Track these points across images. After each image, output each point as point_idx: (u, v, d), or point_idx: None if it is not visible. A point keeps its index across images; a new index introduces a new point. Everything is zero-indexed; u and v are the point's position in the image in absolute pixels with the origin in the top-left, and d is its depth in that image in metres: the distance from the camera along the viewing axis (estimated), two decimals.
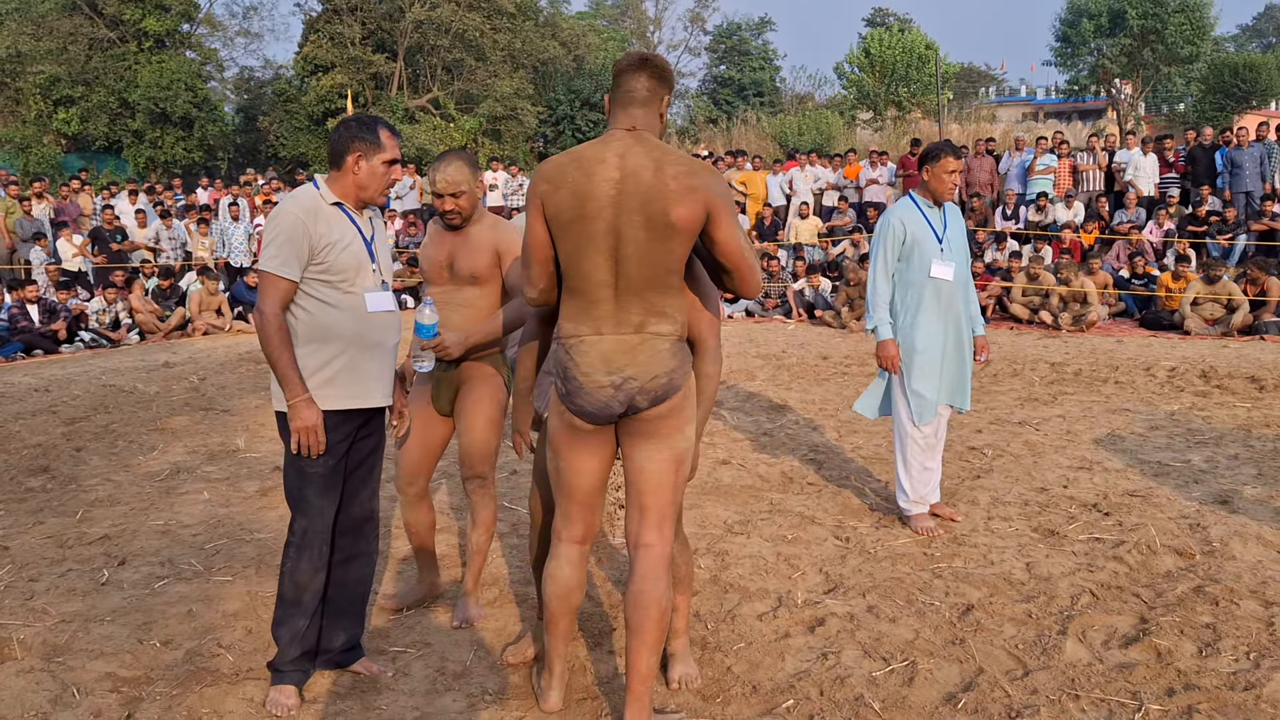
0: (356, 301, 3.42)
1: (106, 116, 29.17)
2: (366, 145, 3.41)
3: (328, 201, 3.41)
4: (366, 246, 3.45)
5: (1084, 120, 40.46)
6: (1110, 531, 5.03)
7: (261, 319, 3.30)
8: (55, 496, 5.96)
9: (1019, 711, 3.31)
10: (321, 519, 3.44)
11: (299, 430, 3.30)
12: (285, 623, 3.47)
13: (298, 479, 3.42)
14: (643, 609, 3.06)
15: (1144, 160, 15.83)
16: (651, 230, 2.93)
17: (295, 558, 3.44)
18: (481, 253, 3.92)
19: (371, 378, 3.47)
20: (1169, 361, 9.88)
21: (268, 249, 3.33)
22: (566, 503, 3.20)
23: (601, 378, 3.00)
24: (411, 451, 4.07)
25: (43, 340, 12.02)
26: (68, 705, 3.44)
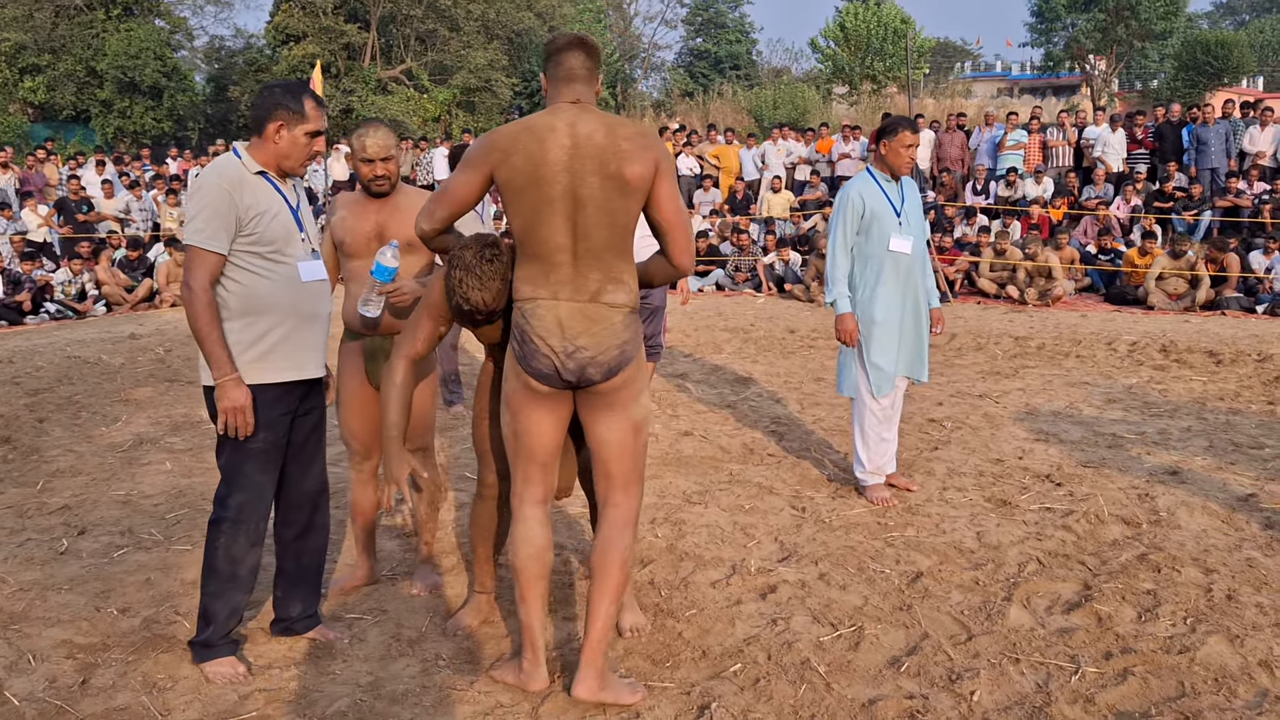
0: (290, 271, 3.37)
1: (74, 85, 28.79)
2: (290, 115, 3.33)
3: (251, 171, 3.34)
4: (293, 215, 3.41)
5: (1058, 96, 40.59)
6: (1061, 501, 5.12)
7: (190, 295, 3.22)
8: (16, 467, 5.96)
9: (959, 674, 3.39)
10: (261, 495, 3.41)
11: (227, 410, 3.25)
12: (221, 597, 3.42)
13: (236, 454, 3.35)
14: (608, 557, 3.20)
15: (1112, 136, 15.94)
16: (607, 190, 3.02)
17: (231, 533, 3.38)
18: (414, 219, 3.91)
19: (309, 348, 3.45)
20: (1131, 336, 10.00)
21: (193, 222, 3.24)
22: (526, 465, 3.24)
23: (555, 342, 3.06)
24: (360, 431, 4.07)
25: (7, 311, 11.93)
26: (23, 671, 3.46)
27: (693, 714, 3.17)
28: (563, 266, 3.06)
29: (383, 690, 3.33)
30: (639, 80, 44.99)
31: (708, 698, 3.25)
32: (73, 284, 13.01)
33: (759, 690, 3.31)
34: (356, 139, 3.85)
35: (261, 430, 3.34)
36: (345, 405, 4.05)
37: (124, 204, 15.96)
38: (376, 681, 3.40)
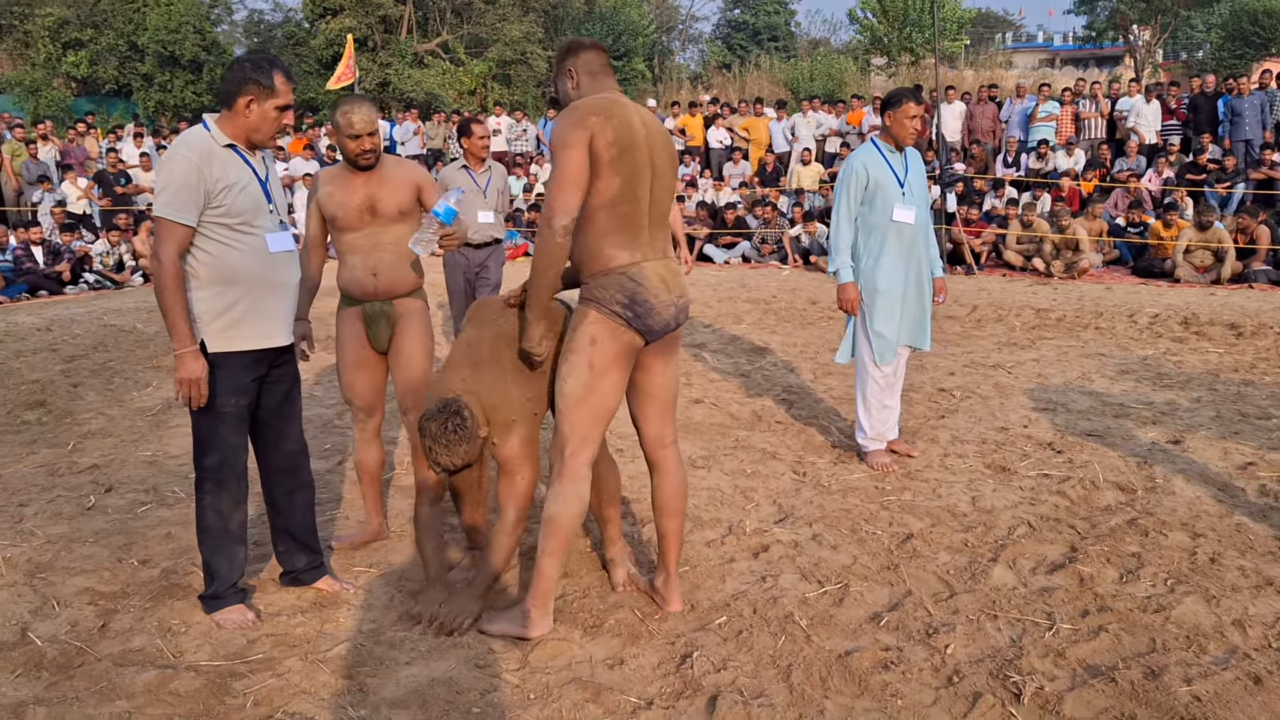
0: (258, 242, 3.47)
1: (116, 60, 29.20)
2: (259, 89, 3.40)
3: (220, 144, 3.42)
4: (262, 187, 3.50)
5: (1101, 67, 39.99)
6: (1059, 468, 5.20)
7: (158, 266, 3.32)
8: (50, 429, 6.20)
9: (936, 629, 3.51)
10: (236, 455, 3.54)
11: (183, 381, 3.37)
12: (220, 551, 3.59)
13: (209, 418, 3.48)
14: (681, 493, 3.62)
15: (1146, 108, 15.76)
16: (669, 164, 3.45)
17: (215, 491, 3.53)
18: (405, 188, 4.08)
19: (277, 317, 3.55)
20: (1153, 308, 9.98)
21: (161, 195, 3.33)
22: (594, 425, 3.39)
23: (666, 297, 3.38)
24: (363, 391, 4.24)
25: (47, 281, 12.24)
26: (47, 616, 3.67)
27: (675, 662, 3.32)
28: (644, 230, 3.37)
29: (382, 637, 3.50)
30: (676, 52, 44.84)
31: (691, 647, 3.39)
32: (111, 255, 13.31)
33: (740, 641, 3.44)
34: (343, 115, 3.96)
35: (233, 395, 3.46)
36: (346, 367, 4.21)
37: None
38: (378, 629, 3.57)
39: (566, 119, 3.26)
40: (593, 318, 3.36)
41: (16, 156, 15.93)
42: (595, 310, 3.36)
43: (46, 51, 29.51)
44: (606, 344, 3.35)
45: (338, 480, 5.25)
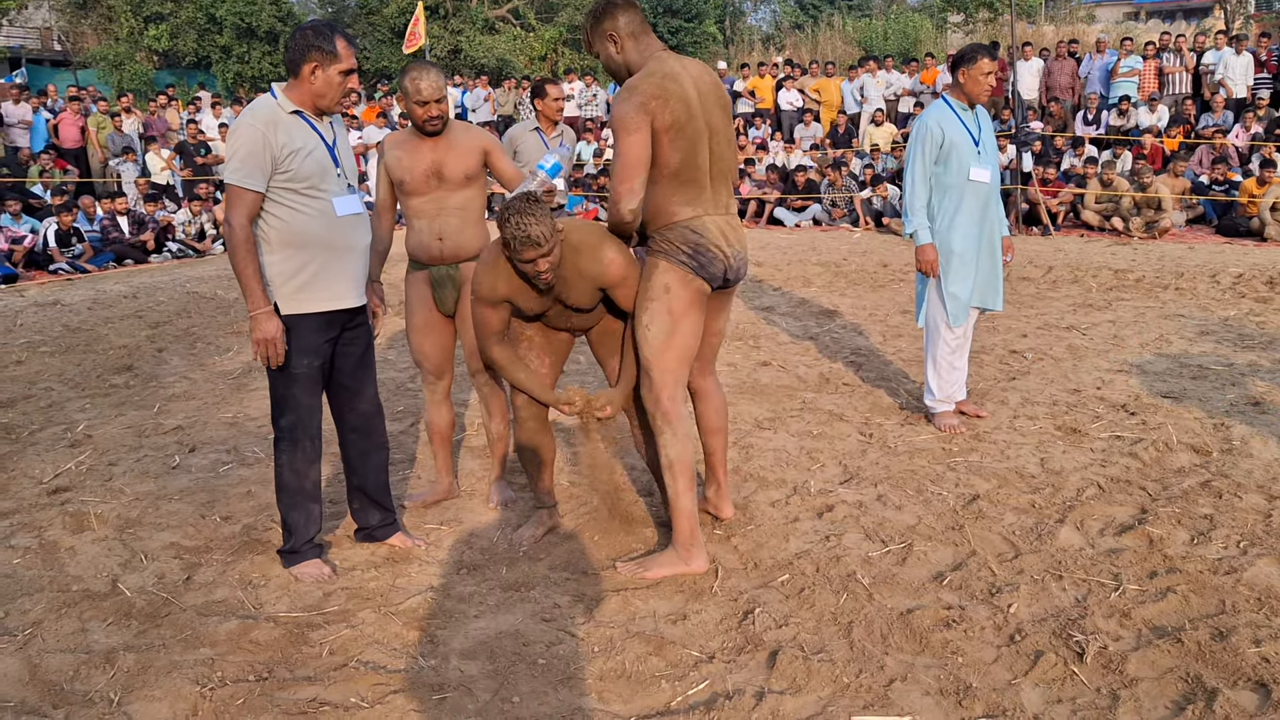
0: (325, 206, 3.54)
1: (195, 32, 29.72)
2: (323, 55, 3.46)
3: (286, 110, 3.48)
4: (330, 152, 3.57)
5: (1189, 20, 38.62)
6: (1132, 430, 5.12)
7: (229, 231, 3.42)
8: (136, 392, 6.43)
9: (1000, 588, 3.50)
10: (310, 415, 3.65)
11: (259, 342, 3.47)
12: (296, 508, 3.72)
13: (284, 379, 3.59)
14: (723, 413, 4.03)
15: (1236, 60, 15.23)
16: (726, 120, 3.63)
17: (290, 450, 3.66)
18: (472, 154, 4.14)
19: (345, 279, 3.63)
20: (1237, 268, 9.71)
21: (231, 162, 3.42)
22: (681, 366, 3.63)
23: (725, 248, 3.60)
24: (431, 353, 4.34)
25: (132, 251, 12.61)
26: (135, 569, 3.84)
27: (737, 618, 3.37)
28: (706, 188, 3.58)
29: (452, 591, 3.61)
30: (748, 14, 44.29)
31: (753, 604, 3.44)
32: (193, 224, 13.66)
33: (802, 599, 3.48)
34: (410, 82, 4.00)
35: (305, 356, 3.56)
36: (415, 330, 4.31)
37: None
38: (448, 584, 3.67)
39: (628, 103, 3.41)
40: (663, 267, 3.56)
41: (102, 129, 16.38)
42: (664, 260, 3.56)
43: (129, 26, 30.16)
44: (680, 290, 3.56)
45: (410, 441, 5.37)
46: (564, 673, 3.05)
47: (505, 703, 2.91)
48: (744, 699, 2.89)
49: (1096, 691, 2.90)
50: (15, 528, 4.25)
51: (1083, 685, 2.93)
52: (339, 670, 3.10)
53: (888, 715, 2.82)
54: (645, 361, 3.61)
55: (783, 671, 3.01)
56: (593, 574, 3.73)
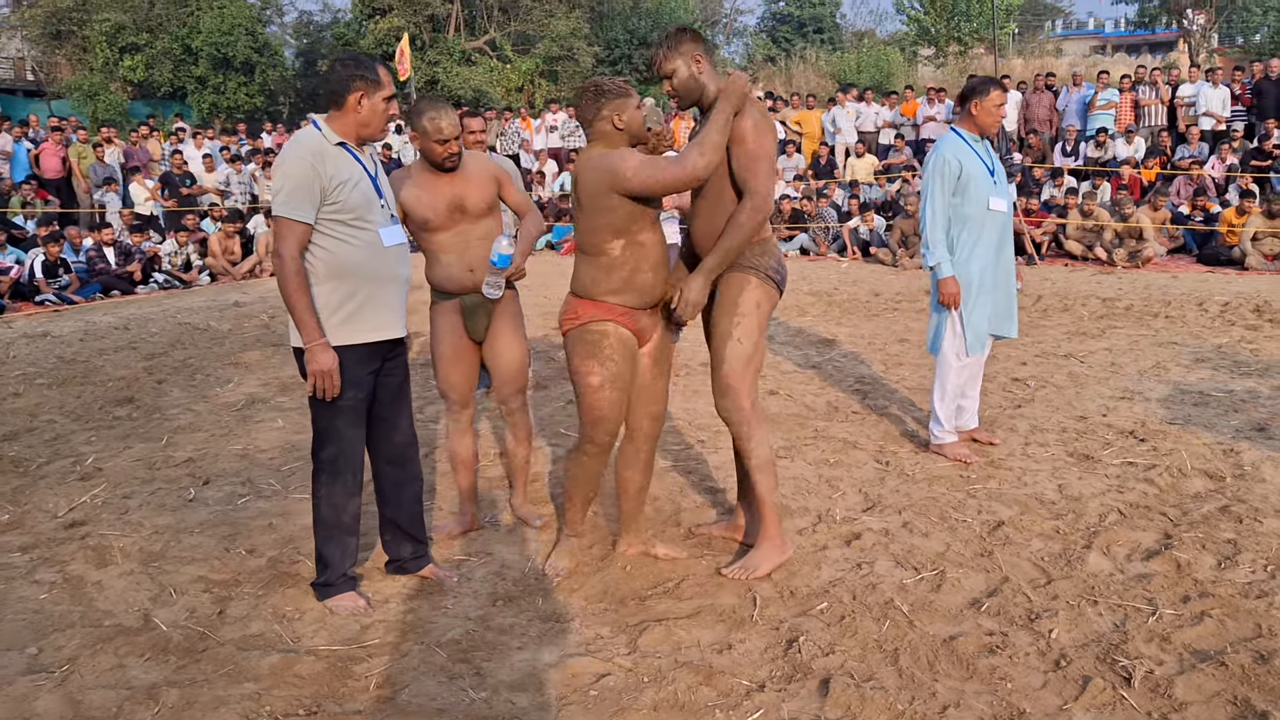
0: (372, 237, 3.55)
1: (171, 63, 29.65)
2: (367, 84, 3.50)
3: (331, 142, 3.51)
4: (373, 183, 3.59)
5: (1154, 53, 39.38)
6: (1144, 456, 5.18)
7: (280, 263, 3.42)
8: (141, 424, 6.37)
9: (1038, 614, 3.53)
10: (353, 447, 3.65)
11: (316, 374, 3.46)
12: (332, 541, 3.70)
13: (327, 411, 3.58)
14: None
15: (1213, 93, 15.53)
16: None
17: (329, 483, 3.64)
18: (489, 183, 4.19)
19: (391, 309, 3.64)
20: (1223, 296, 9.87)
21: (279, 195, 3.43)
22: (758, 376, 3.91)
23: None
24: (459, 383, 4.34)
25: (119, 281, 12.51)
26: (166, 603, 3.80)
27: (781, 647, 3.37)
28: None
29: (491, 623, 3.59)
30: (721, 46, 44.74)
31: (795, 632, 3.45)
32: (179, 255, 13.58)
33: (844, 626, 3.49)
34: (430, 121, 3.97)
35: (349, 388, 3.55)
36: (443, 360, 4.31)
37: (224, 177, 16.55)
38: (485, 616, 3.66)
39: (760, 114, 3.68)
40: (754, 284, 3.78)
41: (83, 160, 16.27)
42: (755, 277, 3.77)
43: (104, 56, 30.03)
44: (767, 307, 3.84)
45: (427, 471, 5.34)
46: (617, 704, 3.05)
47: None
48: None
49: (1148, 716, 2.93)
50: (36, 562, 4.19)
51: (1134, 710, 2.96)
52: (388, 703, 3.08)
53: None
54: (730, 373, 3.80)
55: (837, 700, 3.02)
56: (630, 604, 3.73)
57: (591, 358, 3.72)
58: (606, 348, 3.72)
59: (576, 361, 3.75)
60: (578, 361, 3.75)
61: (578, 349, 3.75)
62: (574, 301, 3.78)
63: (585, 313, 3.73)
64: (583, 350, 3.73)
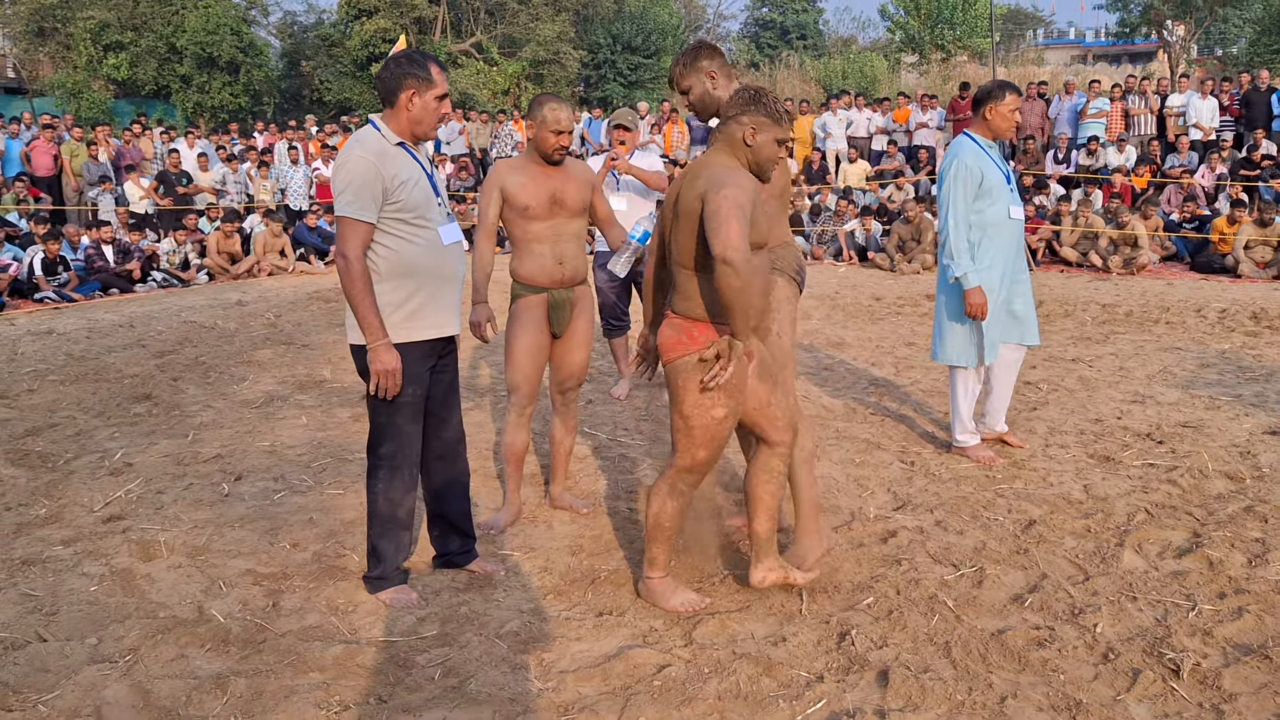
0: (432, 235, 3.60)
1: (155, 62, 29.49)
2: (419, 82, 3.53)
3: (391, 142, 3.56)
4: (430, 182, 3.64)
5: (1134, 63, 39.81)
6: (1164, 458, 5.29)
7: (345, 264, 3.45)
8: (162, 421, 6.37)
9: (1081, 609, 3.62)
10: (412, 443, 3.70)
11: (380, 374, 3.49)
12: (387, 536, 3.75)
13: (387, 408, 3.61)
14: None
15: (1203, 104, 15.76)
16: None
17: (388, 479, 3.68)
18: (586, 186, 4.37)
19: (449, 307, 3.70)
20: (1220, 303, 10.03)
21: (343, 195, 3.45)
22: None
23: None
24: (533, 376, 4.43)
25: (118, 280, 12.45)
26: (218, 595, 3.83)
27: (834, 639, 3.44)
28: None
29: (546, 615, 3.65)
30: None
31: (846, 626, 3.52)
32: (177, 253, 13.54)
33: (893, 620, 3.57)
34: (550, 111, 4.18)
35: (409, 385, 3.59)
36: (523, 351, 4.39)
37: (220, 176, 16.49)
38: (538, 608, 3.71)
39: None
40: (782, 284, 3.84)
41: (75, 157, 16.18)
42: (781, 278, 3.84)
43: (88, 54, 29.80)
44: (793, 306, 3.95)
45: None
46: (682, 694, 3.11)
47: None
48: (866, 717, 2.96)
49: (1199, 706, 3.02)
50: (81, 555, 4.21)
51: (1185, 700, 3.05)
52: (456, 691, 3.13)
53: None
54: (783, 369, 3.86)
55: (898, 690, 3.09)
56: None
57: (721, 390, 3.42)
58: (732, 381, 3.43)
59: (702, 395, 3.42)
60: (704, 395, 3.42)
61: (695, 378, 3.43)
62: (682, 324, 3.45)
63: (700, 336, 3.43)
64: (694, 383, 3.43)
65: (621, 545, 4.30)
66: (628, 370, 6.90)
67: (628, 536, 4.40)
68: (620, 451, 5.61)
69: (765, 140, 3.43)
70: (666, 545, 3.68)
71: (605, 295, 6.72)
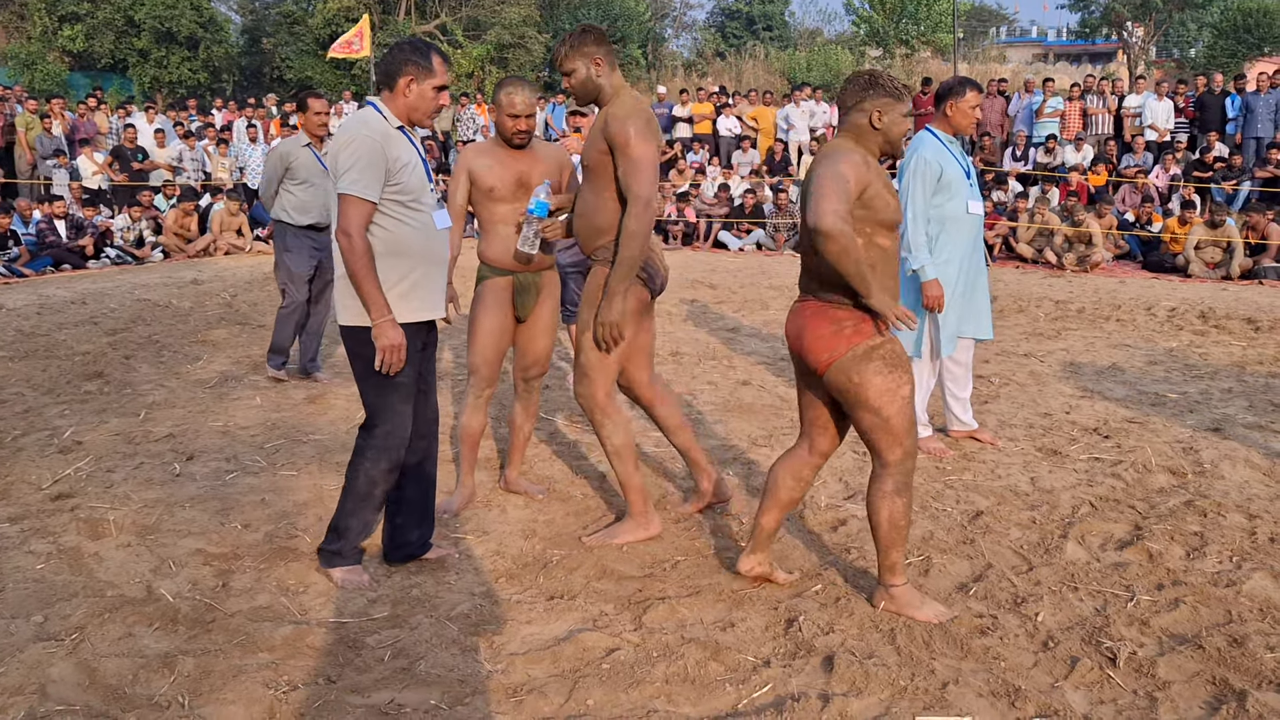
0: (426, 219, 3.64)
1: (112, 34, 29.00)
2: (419, 69, 3.55)
3: (393, 125, 3.58)
4: (424, 166, 3.68)
5: (1094, 63, 40.29)
6: (1109, 452, 5.39)
7: (348, 241, 3.46)
8: (114, 399, 6.31)
9: (1024, 598, 3.69)
10: (405, 423, 3.71)
11: (385, 349, 3.50)
12: (356, 514, 3.76)
13: (381, 388, 3.63)
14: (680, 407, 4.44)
15: (1159, 105, 16.01)
16: None
17: (375, 459, 3.68)
18: (555, 167, 4.35)
19: (438, 290, 3.73)
20: (1169, 302, 10.21)
21: (349, 173, 3.45)
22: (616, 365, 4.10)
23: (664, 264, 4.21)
24: (494, 359, 4.45)
25: (70, 255, 12.29)
26: (167, 575, 3.81)
27: (782, 625, 3.49)
28: None
29: (498, 598, 3.67)
30: (670, 40, 44.84)
31: (794, 612, 3.57)
32: (131, 230, 13.36)
33: (840, 607, 3.62)
34: (506, 95, 4.18)
35: (406, 365, 3.62)
36: (486, 334, 4.40)
37: (177, 153, 16.28)
38: (490, 591, 3.73)
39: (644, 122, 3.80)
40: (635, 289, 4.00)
41: (30, 129, 15.91)
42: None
43: (43, 25, 29.23)
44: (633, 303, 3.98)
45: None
46: (630, 677, 3.14)
47: (581, 705, 2.99)
48: (810, 701, 3.01)
49: (1134, 694, 3.10)
50: (28, 533, 4.17)
51: (1120, 688, 3.12)
52: (405, 673, 3.14)
53: (949, 716, 2.97)
54: (587, 363, 3.99)
55: (842, 675, 3.14)
56: (630, 583, 3.82)
57: (898, 368, 3.43)
58: (901, 354, 3.48)
59: (882, 380, 3.41)
60: (885, 379, 3.41)
61: (876, 365, 3.41)
62: (849, 314, 3.45)
63: (868, 327, 3.44)
64: (884, 365, 3.42)
65: (575, 531, 4.33)
66: None
67: (581, 522, 4.43)
68: (575, 437, 5.64)
69: (893, 119, 3.47)
70: (904, 547, 3.59)
71: (565, 284, 6.72)
